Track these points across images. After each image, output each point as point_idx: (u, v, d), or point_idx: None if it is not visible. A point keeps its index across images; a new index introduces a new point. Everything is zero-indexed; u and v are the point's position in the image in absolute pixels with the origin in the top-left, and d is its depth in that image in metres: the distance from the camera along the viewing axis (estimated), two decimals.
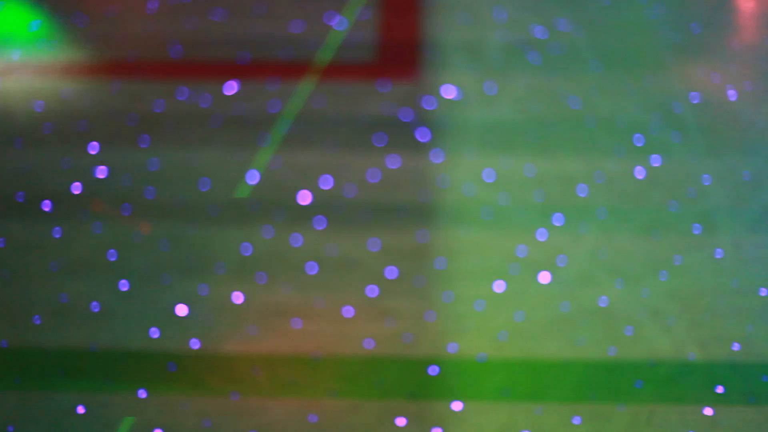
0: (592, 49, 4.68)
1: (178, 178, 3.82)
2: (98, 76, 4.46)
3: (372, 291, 3.34)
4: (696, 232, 3.59)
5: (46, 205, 3.70)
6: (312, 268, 3.42)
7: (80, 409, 2.91)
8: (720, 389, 2.97)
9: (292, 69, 4.47)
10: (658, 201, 3.74)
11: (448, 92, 4.28)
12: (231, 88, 4.36)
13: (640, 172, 3.88)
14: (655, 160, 3.94)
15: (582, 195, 3.77)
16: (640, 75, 4.47)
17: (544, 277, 3.39)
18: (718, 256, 3.47)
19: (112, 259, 3.43)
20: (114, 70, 4.51)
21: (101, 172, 3.86)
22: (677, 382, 3.00)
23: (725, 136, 4.09)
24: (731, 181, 3.83)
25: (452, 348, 3.12)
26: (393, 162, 3.93)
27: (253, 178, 3.53)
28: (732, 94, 4.33)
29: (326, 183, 3.81)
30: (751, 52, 4.75)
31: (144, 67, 4.51)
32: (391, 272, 3.41)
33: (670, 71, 4.49)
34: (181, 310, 3.24)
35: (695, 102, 4.28)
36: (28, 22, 4.73)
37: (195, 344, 3.13)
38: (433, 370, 3.04)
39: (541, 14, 4.91)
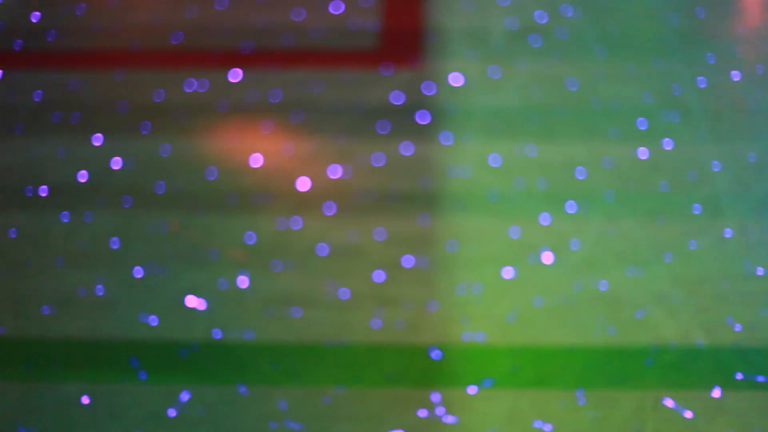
0: (597, 34, 4.66)
1: (182, 167, 3.82)
2: (101, 66, 4.46)
3: (377, 278, 3.33)
4: (701, 216, 3.58)
5: (51, 196, 3.70)
6: (317, 256, 3.42)
7: (85, 400, 2.91)
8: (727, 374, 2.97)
9: (295, 57, 4.47)
10: (664, 186, 3.73)
11: (456, 80, 4.27)
12: (236, 76, 4.35)
13: (644, 157, 3.87)
14: (660, 145, 3.93)
15: (587, 180, 3.76)
16: (645, 59, 4.46)
17: (549, 263, 3.38)
18: (723, 241, 3.46)
19: (117, 249, 3.43)
20: (117, 59, 4.50)
21: (105, 162, 3.86)
22: (683, 367, 3.00)
23: (730, 120, 4.08)
24: (736, 165, 3.82)
25: (457, 334, 3.12)
26: (397, 149, 3.92)
27: None
28: (737, 78, 4.31)
29: (330, 170, 3.80)
30: (756, 36, 4.73)
31: (147, 56, 4.50)
32: (395, 259, 3.40)
33: (674, 55, 4.48)
34: (189, 300, 3.24)
35: (700, 86, 4.27)
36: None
37: (200, 333, 3.13)
38: (438, 357, 3.04)
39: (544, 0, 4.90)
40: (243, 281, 3.29)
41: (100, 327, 3.14)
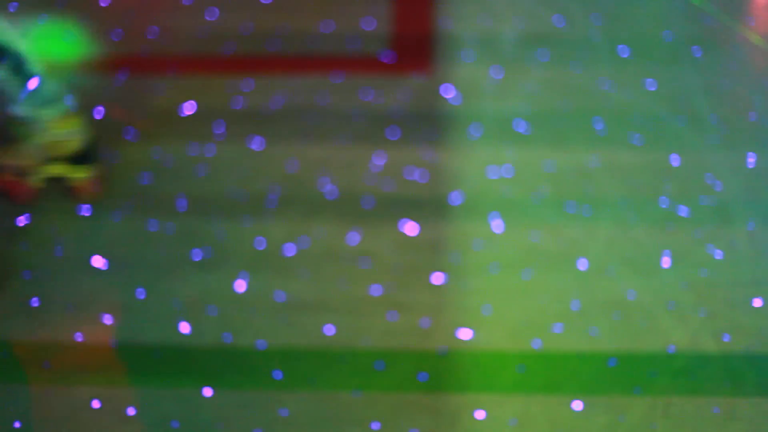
0: (608, 40, 4.67)
1: (193, 173, 3.82)
2: (112, 70, 4.47)
3: (387, 284, 3.34)
4: (711, 223, 3.58)
5: (61, 199, 3.71)
6: (326, 262, 3.42)
7: (96, 404, 2.92)
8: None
9: (305, 63, 4.48)
10: (674, 193, 3.74)
11: (466, 86, 4.28)
12: (248, 83, 4.37)
13: (655, 164, 3.87)
14: (670, 152, 3.93)
15: (597, 187, 3.76)
16: (655, 66, 4.46)
17: (560, 269, 3.39)
18: (733, 247, 3.47)
19: (129, 253, 3.43)
20: (126, 64, 4.51)
21: (112, 165, 3.87)
22: (693, 373, 3.00)
23: (740, 127, 4.08)
24: (746, 172, 3.82)
25: (467, 340, 3.12)
26: (407, 155, 3.93)
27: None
28: (746, 86, 4.32)
29: (340, 176, 3.80)
30: (766, 43, 4.73)
31: (158, 61, 4.51)
32: (406, 264, 3.41)
33: (684, 62, 4.48)
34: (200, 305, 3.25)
35: (710, 93, 4.27)
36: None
37: (210, 338, 3.13)
38: (448, 363, 3.04)
39: (556, 6, 4.91)
40: (254, 288, 3.30)
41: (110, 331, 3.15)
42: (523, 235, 3.54)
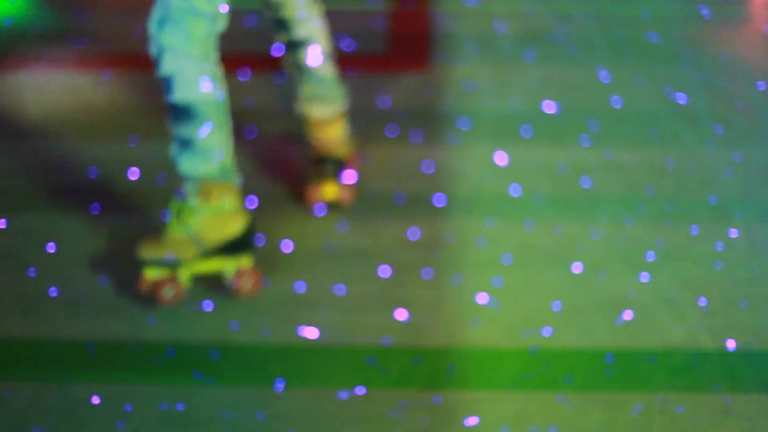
0: (605, 38, 4.67)
1: None
2: (109, 69, 4.47)
3: (386, 281, 3.34)
4: (709, 220, 3.58)
5: (61, 198, 3.71)
6: (323, 259, 3.43)
7: (95, 400, 2.92)
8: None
9: None
10: (671, 190, 3.74)
11: (463, 84, 4.28)
12: (244, 79, 4.37)
13: (652, 162, 3.88)
14: (668, 150, 3.94)
15: (595, 184, 3.77)
16: (653, 64, 4.47)
17: (557, 267, 3.39)
18: (730, 245, 3.47)
19: (126, 251, 3.44)
20: (123, 63, 4.51)
21: (115, 164, 3.87)
22: (691, 370, 3.01)
23: (737, 125, 4.08)
24: (743, 169, 3.83)
25: (465, 338, 3.12)
26: (405, 153, 3.93)
27: None
28: (743, 83, 4.32)
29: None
30: (764, 42, 4.74)
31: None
32: (404, 261, 3.41)
33: (681, 60, 4.49)
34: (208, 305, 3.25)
35: (707, 92, 4.27)
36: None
37: (210, 334, 3.14)
38: (446, 360, 3.05)
39: (553, 5, 4.91)
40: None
41: (110, 328, 3.15)
42: (520, 232, 3.55)
